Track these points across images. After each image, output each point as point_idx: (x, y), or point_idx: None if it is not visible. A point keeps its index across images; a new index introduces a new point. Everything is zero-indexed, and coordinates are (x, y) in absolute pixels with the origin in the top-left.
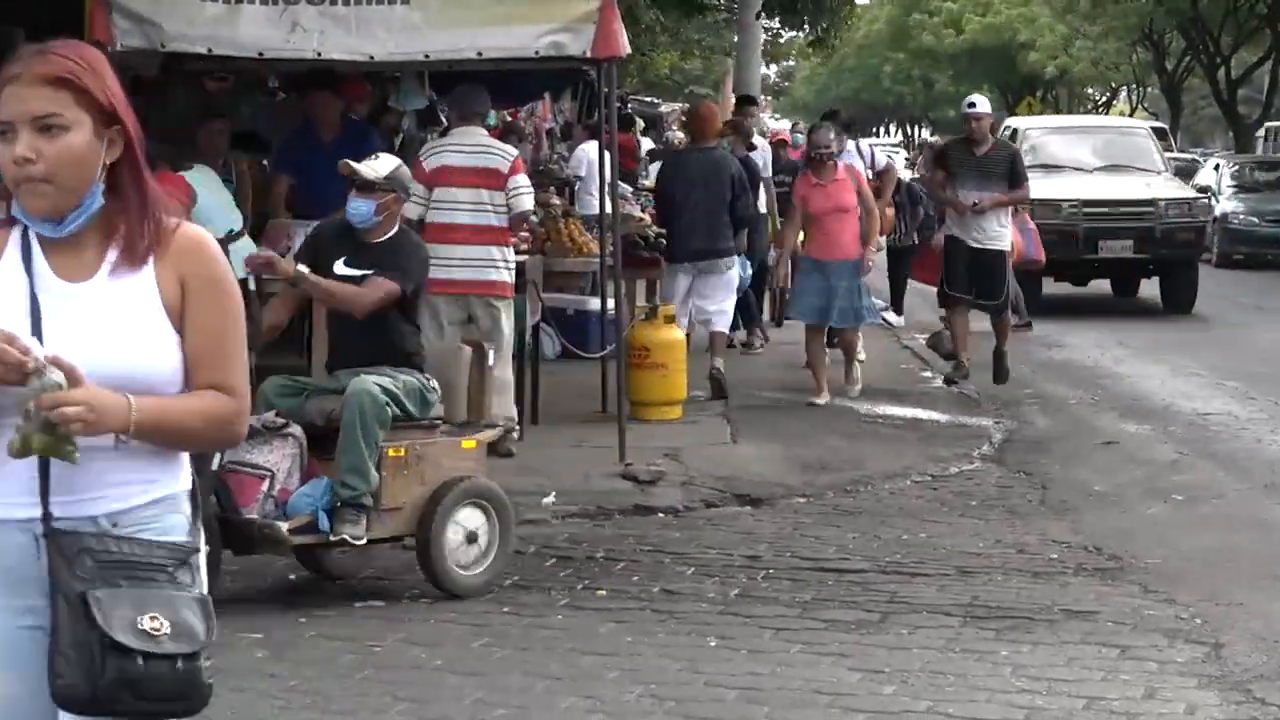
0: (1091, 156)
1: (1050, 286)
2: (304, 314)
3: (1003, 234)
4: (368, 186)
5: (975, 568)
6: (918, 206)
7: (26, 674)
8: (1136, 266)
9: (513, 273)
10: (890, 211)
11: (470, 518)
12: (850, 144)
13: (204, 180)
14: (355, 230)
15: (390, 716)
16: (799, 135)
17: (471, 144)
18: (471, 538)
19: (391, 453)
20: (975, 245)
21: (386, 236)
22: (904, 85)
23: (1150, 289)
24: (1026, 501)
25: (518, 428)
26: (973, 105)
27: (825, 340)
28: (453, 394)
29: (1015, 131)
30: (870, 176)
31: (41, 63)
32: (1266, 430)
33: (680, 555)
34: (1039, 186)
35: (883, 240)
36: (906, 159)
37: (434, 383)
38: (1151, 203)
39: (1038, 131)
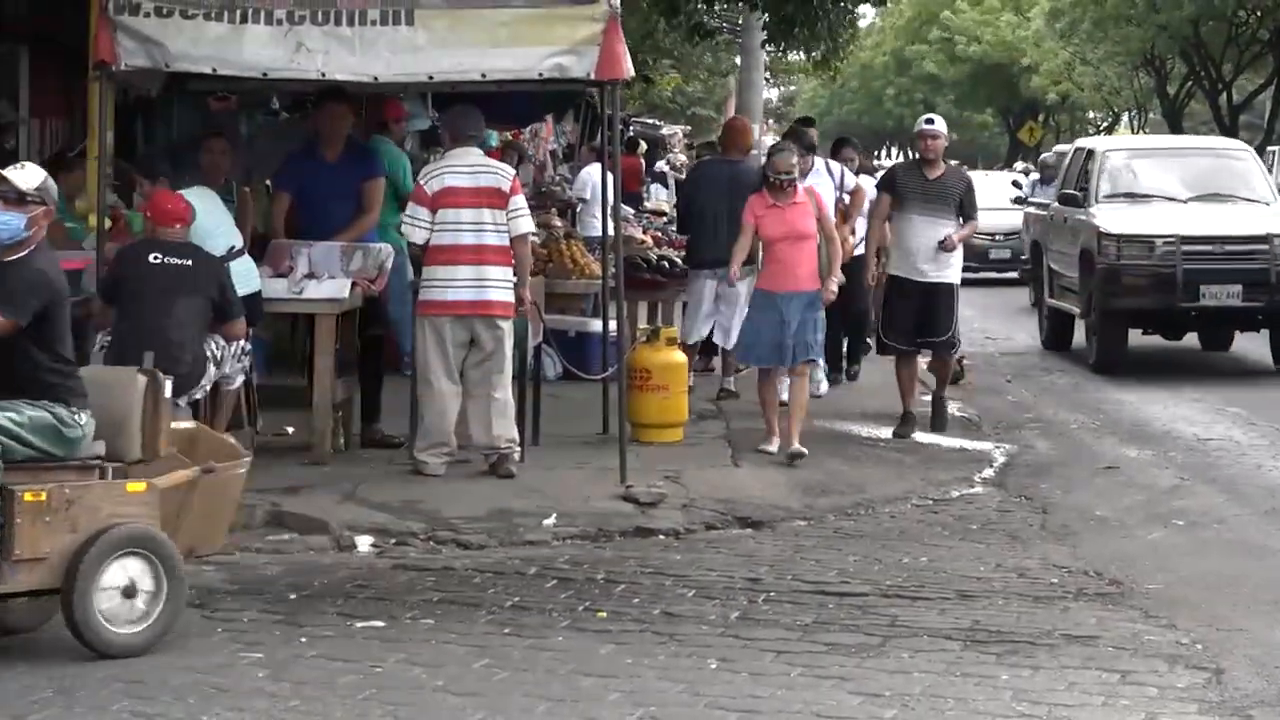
0: (1184, 183)
1: (1136, 339)
2: (304, 332)
3: (955, 265)
4: (18, 198)
5: (976, 592)
6: None
7: None
8: (1243, 317)
9: (513, 292)
10: (851, 239)
11: (127, 569)
12: (819, 163)
13: (204, 199)
14: None
15: None
16: None
17: (471, 164)
18: (129, 591)
19: (28, 497)
20: (924, 281)
21: (15, 258)
22: (906, 108)
23: (1248, 343)
24: (1027, 526)
25: (519, 449)
26: (931, 122)
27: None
28: (122, 429)
29: (1091, 153)
30: (840, 198)
31: None
32: (1267, 456)
33: (681, 578)
34: (1124, 218)
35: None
36: None
37: (82, 416)
38: (1265, 239)
39: (1120, 154)
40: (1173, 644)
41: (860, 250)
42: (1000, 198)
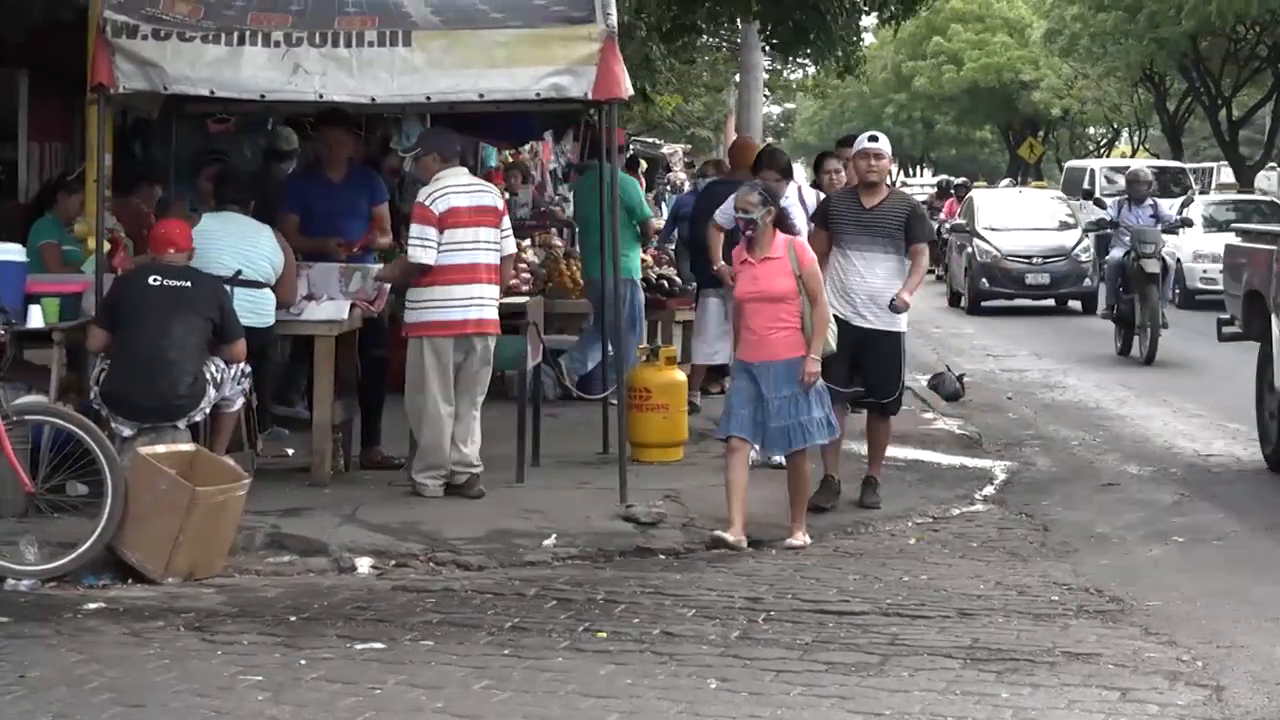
0: None
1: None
2: (306, 356)
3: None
4: None
5: (976, 610)
6: None
7: None
8: None
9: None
10: None
11: None
12: (792, 189)
13: (225, 223)
14: None
15: None
16: None
17: (467, 184)
18: None
19: None
20: (863, 327)
21: None
22: (905, 126)
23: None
24: (1027, 543)
25: (481, 468)
26: (875, 139)
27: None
28: None
29: None
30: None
31: None
32: (1267, 472)
33: (681, 597)
34: None
35: (832, 341)
36: (923, 203)
37: None
38: None
39: None
40: (1173, 661)
41: None
42: (1037, 215)
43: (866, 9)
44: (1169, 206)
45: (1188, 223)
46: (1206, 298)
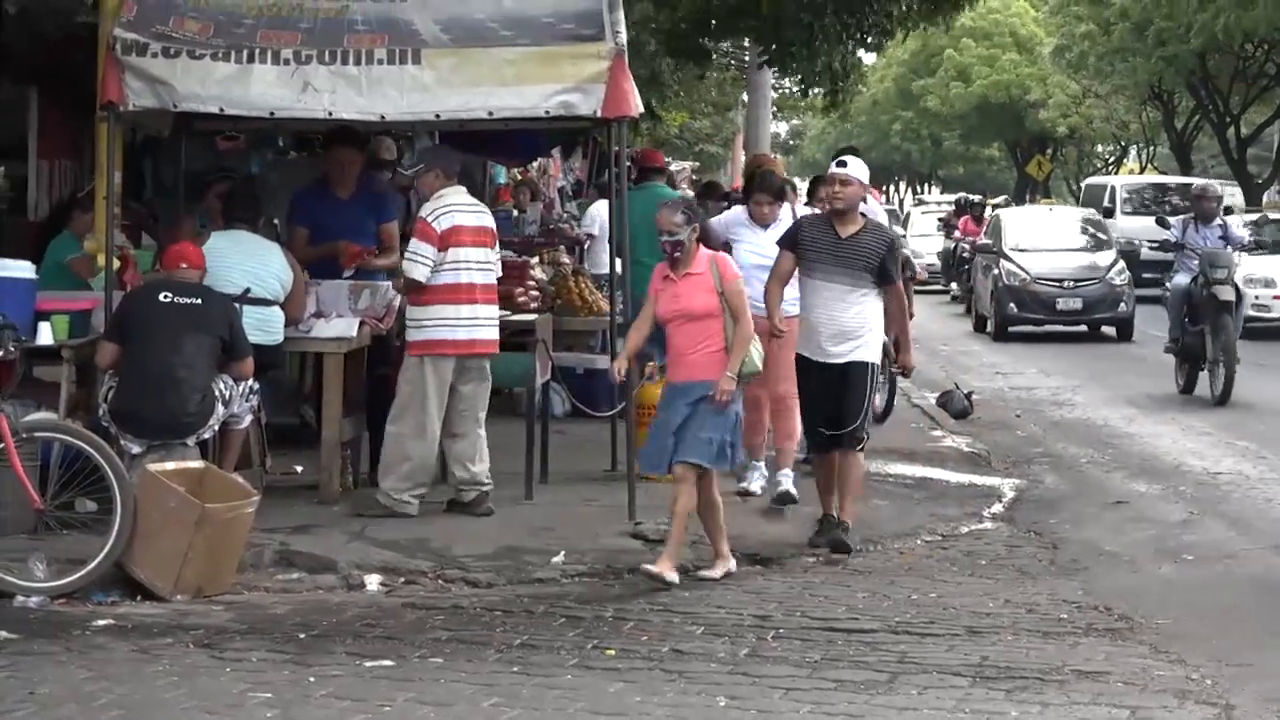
0: None
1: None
2: (313, 369)
3: (869, 341)
4: None
5: (985, 628)
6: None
7: None
8: None
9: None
10: None
11: None
12: (785, 211)
13: (237, 242)
14: None
15: None
16: None
17: (468, 204)
18: None
19: None
20: (829, 363)
21: None
22: (913, 143)
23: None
24: (1036, 561)
25: (491, 485)
26: (843, 164)
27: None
28: None
29: None
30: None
31: None
32: (1277, 490)
33: (690, 615)
34: None
35: (757, 360)
36: (940, 220)
37: None
38: None
39: None
40: (1182, 679)
41: None
42: (1068, 235)
43: (864, 37)
44: (1239, 224)
45: (1262, 244)
46: (1258, 325)
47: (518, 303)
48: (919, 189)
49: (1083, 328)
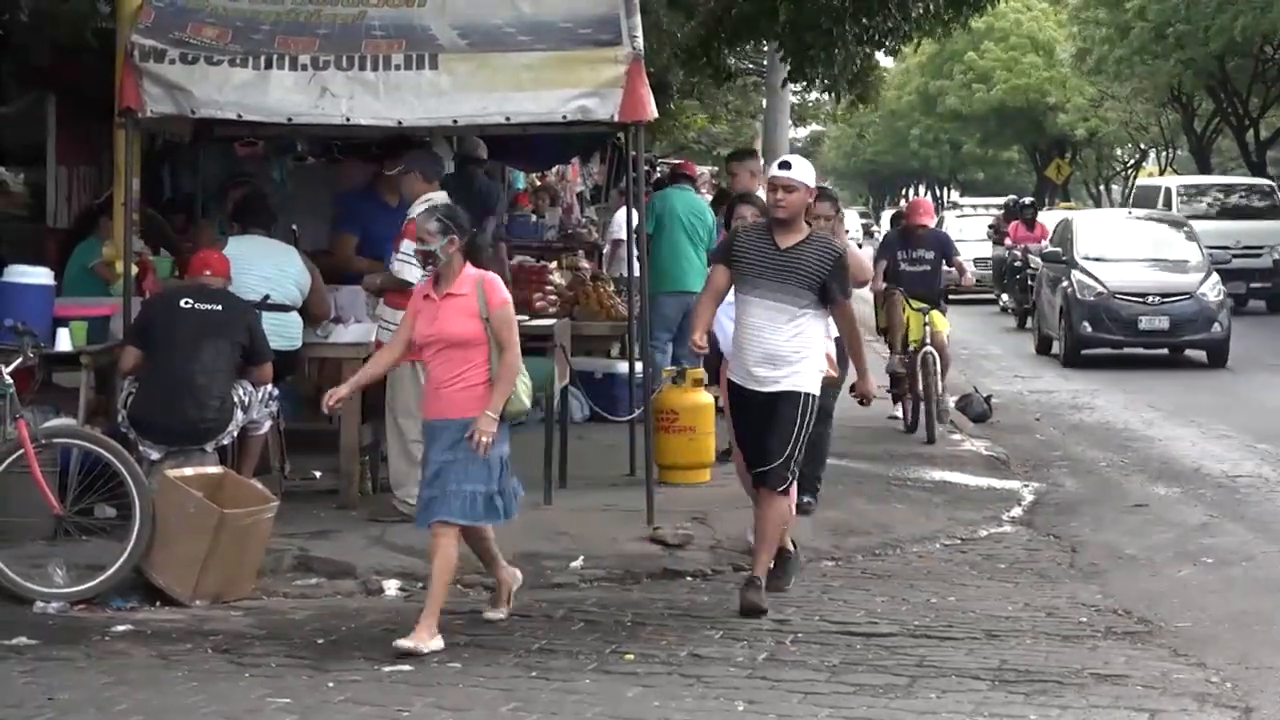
0: None
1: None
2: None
3: (804, 367)
4: None
5: (1004, 631)
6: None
7: None
8: None
9: None
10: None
11: None
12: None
13: (254, 247)
14: None
15: None
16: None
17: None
18: None
19: None
20: (759, 391)
21: None
22: (931, 148)
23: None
24: (1055, 564)
25: None
26: (786, 165)
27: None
28: None
29: None
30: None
31: None
32: None
33: (708, 619)
34: None
35: (525, 399)
36: (990, 227)
37: None
38: None
39: None
40: (1202, 683)
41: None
42: (1151, 244)
43: (882, 41)
44: None
45: None
46: None
47: (535, 307)
48: (938, 194)
49: (1164, 350)
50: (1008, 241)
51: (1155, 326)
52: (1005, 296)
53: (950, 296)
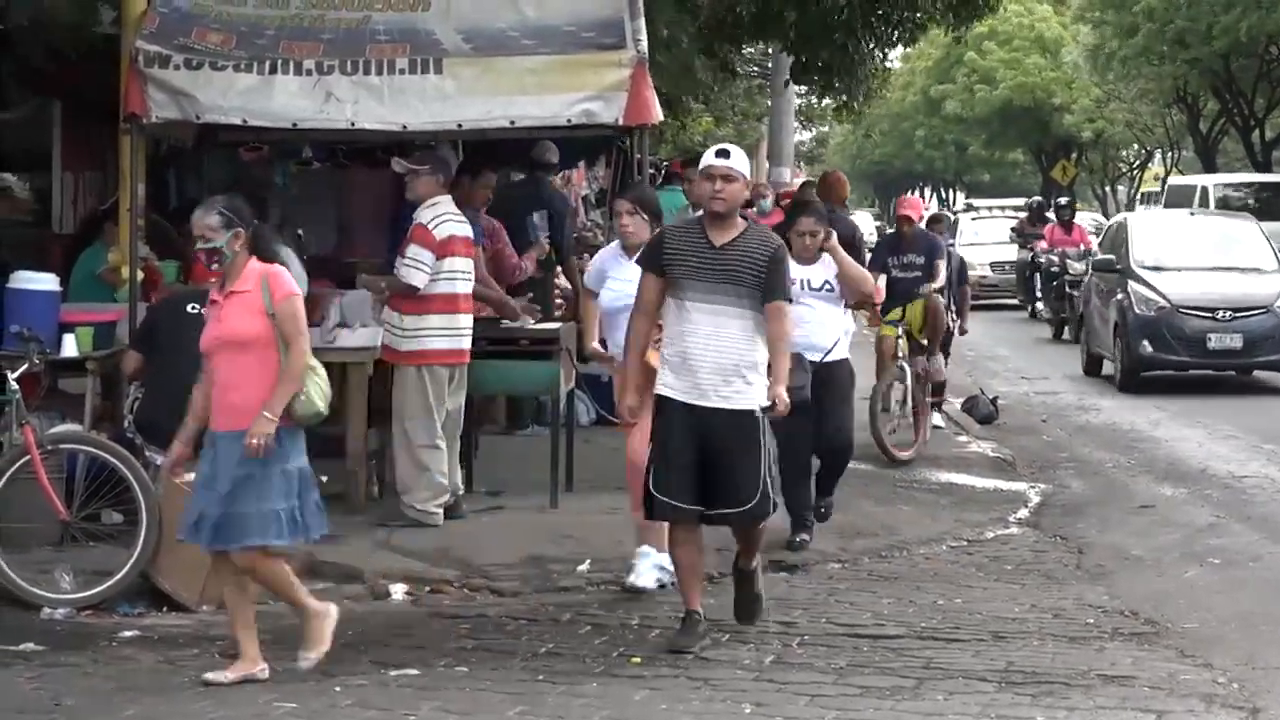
0: None
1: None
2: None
3: (757, 381)
4: None
5: (1011, 633)
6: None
7: None
8: None
9: None
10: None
11: None
12: (610, 249)
13: None
14: None
15: None
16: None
17: (458, 213)
18: None
19: None
20: (707, 406)
21: None
22: (936, 150)
23: None
24: (1062, 566)
25: (461, 489)
26: (724, 154)
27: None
28: None
29: None
30: None
31: None
32: None
33: (715, 622)
34: None
35: (319, 402)
36: (1013, 229)
37: None
38: None
39: None
40: (1209, 683)
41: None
42: (1221, 250)
43: (891, 40)
44: None
45: None
46: None
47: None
48: (943, 195)
49: (1231, 372)
50: (1042, 245)
51: (1227, 345)
52: (1040, 305)
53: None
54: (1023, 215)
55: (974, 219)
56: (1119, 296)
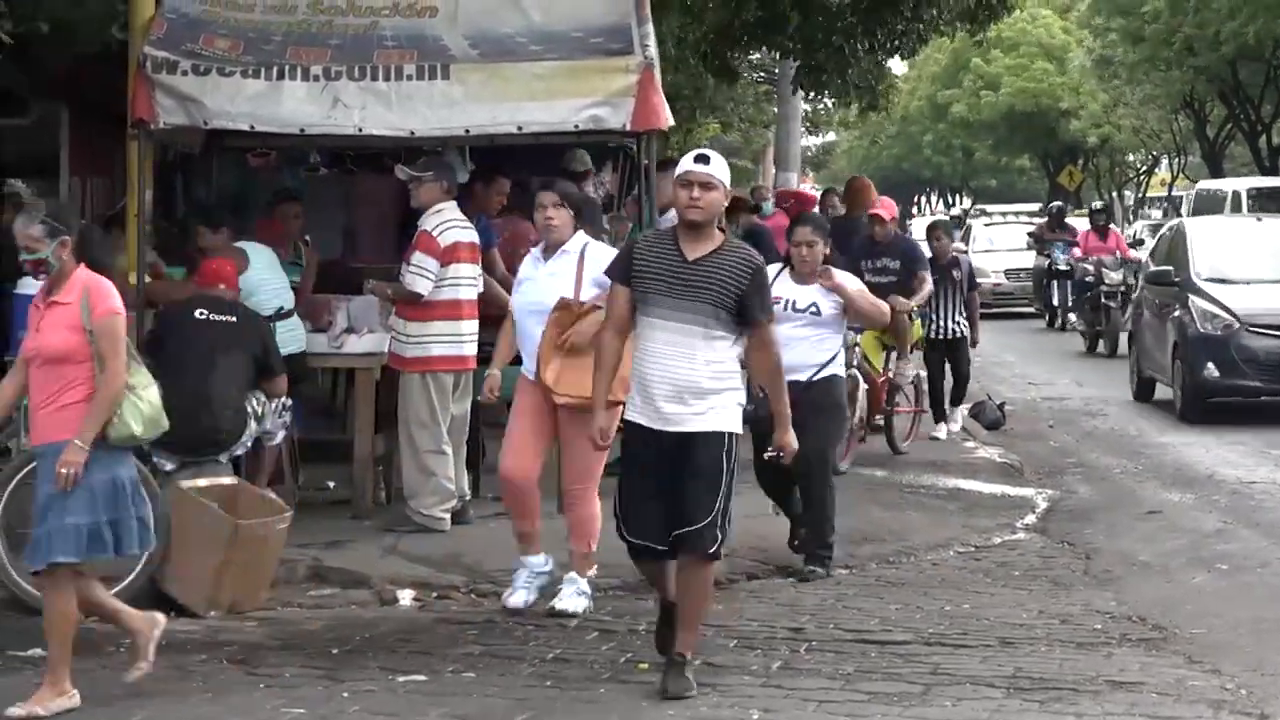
0: None
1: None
2: (342, 385)
3: (721, 402)
4: None
5: (1019, 639)
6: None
7: None
8: None
9: None
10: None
11: None
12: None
13: (259, 255)
14: None
15: None
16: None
17: (463, 219)
18: None
19: None
20: (668, 431)
21: None
22: (943, 155)
23: None
24: (1070, 572)
25: (469, 494)
26: (704, 160)
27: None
28: None
29: None
30: None
31: None
32: None
33: (723, 628)
34: None
35: (134, 424)
36: (1030, 235)
37: None
38: None
39: None
40: (1217, 689)
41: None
42: None
43: (894, 48)
44: None
45: None
46: None
47: None
48: (949, 201)
49: None
50: (1077, 253)
51: None
52: (1074, 317)
53: (982, 310)
54: (1040, 221)
55: (987, 225)
56: (1178, 313)
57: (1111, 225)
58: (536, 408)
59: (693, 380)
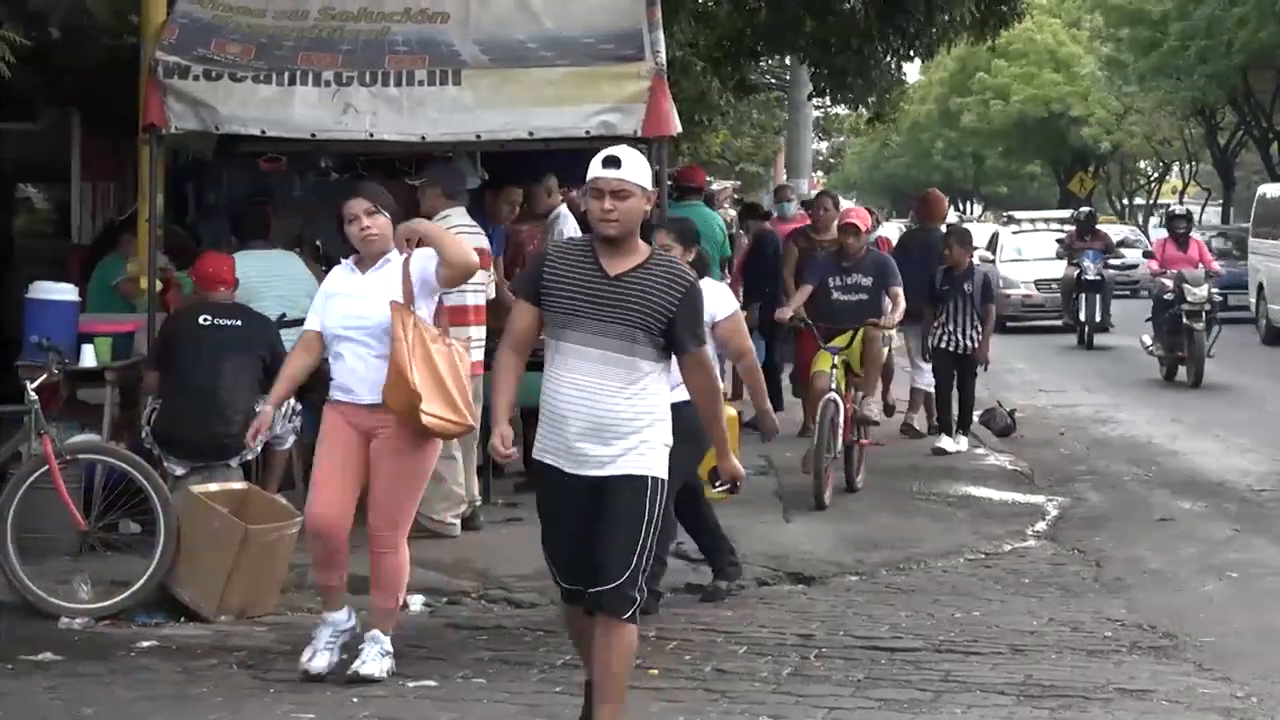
0: None
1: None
2: None
3: (645, 441)
4: None
5: (1029, 646)
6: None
7: None
8: None
9: None
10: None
11: None
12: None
13: (266, 260)
14: None
15: None
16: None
17: (469, 224)
18: None
19: None
20: (582, 475)
21: None
22: (954, 161)
23: None
24: (1080, 579)
25: (479, 500)
26: (614, 162)
27: None
28: None
29: None
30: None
31: None
32: None
33: (732, 634)
34: None
35: None
36: (1059, 242)
37: None
38: None
39: None
40: (1227, 697)
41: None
42: None
43: (911, 53)
44: None
45: None
46: None
47: None
48: (960, 207)
49: None
50: (1154, 266)
51: None
52: (1146, 339)
53: (1008, 324)
54: (1070, 229)
55: (1015, 233)
56: None
57: (1194, 234)
58: (346, 440)
59: (612, 416)
